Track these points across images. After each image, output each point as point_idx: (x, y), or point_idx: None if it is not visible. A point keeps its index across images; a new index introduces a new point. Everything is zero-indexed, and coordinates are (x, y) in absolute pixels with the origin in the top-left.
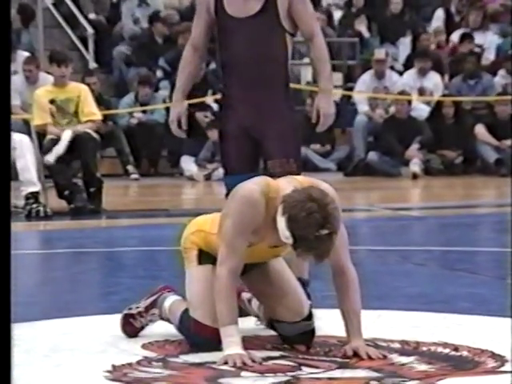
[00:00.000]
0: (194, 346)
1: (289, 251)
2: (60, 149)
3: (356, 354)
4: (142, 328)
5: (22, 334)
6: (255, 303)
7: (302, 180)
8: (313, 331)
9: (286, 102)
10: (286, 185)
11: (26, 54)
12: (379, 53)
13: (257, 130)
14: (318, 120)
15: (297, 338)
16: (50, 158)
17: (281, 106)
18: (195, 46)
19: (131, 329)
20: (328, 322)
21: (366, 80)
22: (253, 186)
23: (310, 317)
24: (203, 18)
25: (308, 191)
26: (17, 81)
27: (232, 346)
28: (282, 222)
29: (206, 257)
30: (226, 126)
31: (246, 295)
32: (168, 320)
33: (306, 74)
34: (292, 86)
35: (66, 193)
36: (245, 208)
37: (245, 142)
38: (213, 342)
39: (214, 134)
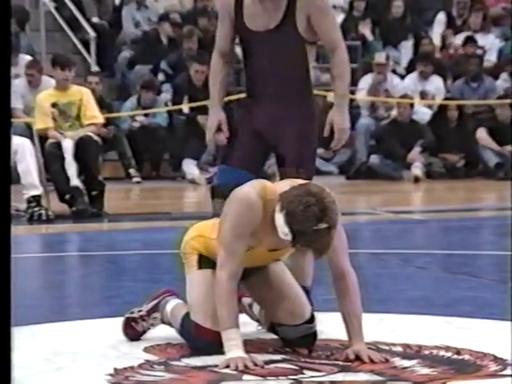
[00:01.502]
0: (196, 349)
1: (290, 255)
2: (72, 170)
3: (358, 358)
4: (144, 332)
5: (24, 337)
6: (256, 308)
7: (301, 183)
8: (314, 334)
9: (308, 110)
10: (284, 187)
11: (28, 57)
12: (380, 56)
13: (272, 135)
14: (331, 135)
15: (298, 341)
16: (75, 182)
17: (301, 114)
18: (222, 52)
19: (133, 332)
20: (330, 326)
21: (367, 83)
22: (249, 188)
23: (311, 320)
24: (226, 25)
25: (305, 187)
26: (19, 84)
27: (234, 350)
28: (280, 219)
29: (206, 261)
30: (243, 126)
31: (246, 300)
32: (170, 324)
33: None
34: None
35: (67, 196)
36: (242, 211)
37: (257, 144)
38: (214, 345)
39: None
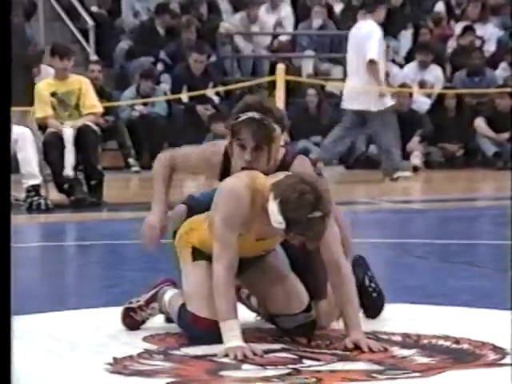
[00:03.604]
0: (193, 339)
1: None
2: (70, 159)
3: (357, 347)
4: (143, 322)
5: (23, 326)
6: (254, 299)
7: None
8: (313, 323)
9: None
10: (277, 178)
11: None
12: None
13: None
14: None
15: (296, 331)
16: (69, 172)
17: None
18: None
19: (132, 322)
20: None
21: None
22: (236, 179)
23: (308, 309)
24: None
25: (298, 175)
26: None
27: (233, 340)
28: (274, 207)
29: (200, 254)
30: None
31: (244, 291)
32: (168, 313)
33: (307, 66)
34: (293, 78)
35: (66, 186)
36: (230, 201)
37: None
38: (210, 334)
39: (215, 127)
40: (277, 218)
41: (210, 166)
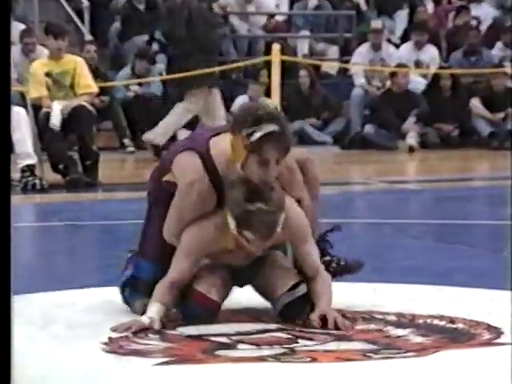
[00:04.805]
0: (191, 317)
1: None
2: (56, 115)
3: (323, 322)
4: None
5: (19, 306)
6: None
7: None
8: (303, 298)
9: None
10: None
11: (22, 26)
12: (376, 23)
13: None
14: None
15: (286, 312)
16: (56, 121)
17: None
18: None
19: None
20: None
21: (362, 52)
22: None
23: (297, 285)
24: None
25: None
26: (13, 53)
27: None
28: (228, 213)
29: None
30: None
31: None
32: None
33: (303, 46)
34: (288, 58)
35: (61, 166)
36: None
37: None
38: (202, 310)
39: None
40: (229, 220)
41: (204, 207)
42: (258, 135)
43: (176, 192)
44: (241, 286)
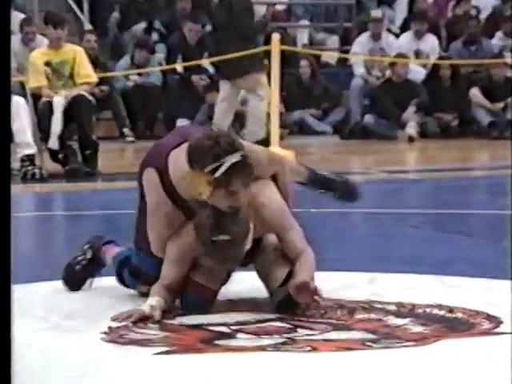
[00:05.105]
0: (189, 307)
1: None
2: (57, 128)
3: (299, 290)
4: None
5: (18, 296)
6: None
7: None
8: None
9: None
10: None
11: (22, 15)
12: (376, 12)
13: None
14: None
15: (284, 304)
16: (53, 144)
17: None
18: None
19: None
20: (324, 285)
21: (362, 42)
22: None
23: (289, 276)
24: None
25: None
26: (13, 42)
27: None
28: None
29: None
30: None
31: None
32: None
33: (302, 36)
34: (288, 48)
35: (60, 156)
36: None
37: None
38: (210, 302)
39: (210, 97)
40: (197, 242)
41: (175, 224)
42: (221, 170)
43: (147, 210)
44: (243, 265)
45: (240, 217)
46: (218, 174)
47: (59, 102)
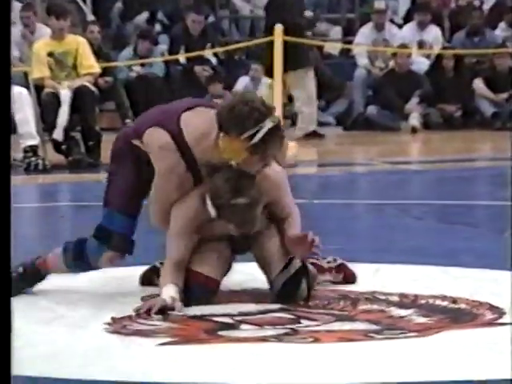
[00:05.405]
0: (192, 298)
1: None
2: (63, 120)
3: (298, 242)
4: None
5: None
6: None
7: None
8: (297, 274)
9: None
10: None
11: (20, 4)
12: (379, 4)
13: None
14: None
15: (286, 289)
16: (58, 135)
17: None
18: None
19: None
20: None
21: (365, 32)
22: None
23: (289, 262)
24: None
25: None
26: (14, 32)
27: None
28: (208, 198)
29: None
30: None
31: None
32: None
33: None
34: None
35: (63, 147)
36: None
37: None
38: (213, 291)
39: (213, 88)
40: (209, 207)
41: (185, 188)
42: (259, 136)
43: (156, 175)
44: (241, 253)
45: (255, 181)
46: (255, 140)
47: (66, 94)
